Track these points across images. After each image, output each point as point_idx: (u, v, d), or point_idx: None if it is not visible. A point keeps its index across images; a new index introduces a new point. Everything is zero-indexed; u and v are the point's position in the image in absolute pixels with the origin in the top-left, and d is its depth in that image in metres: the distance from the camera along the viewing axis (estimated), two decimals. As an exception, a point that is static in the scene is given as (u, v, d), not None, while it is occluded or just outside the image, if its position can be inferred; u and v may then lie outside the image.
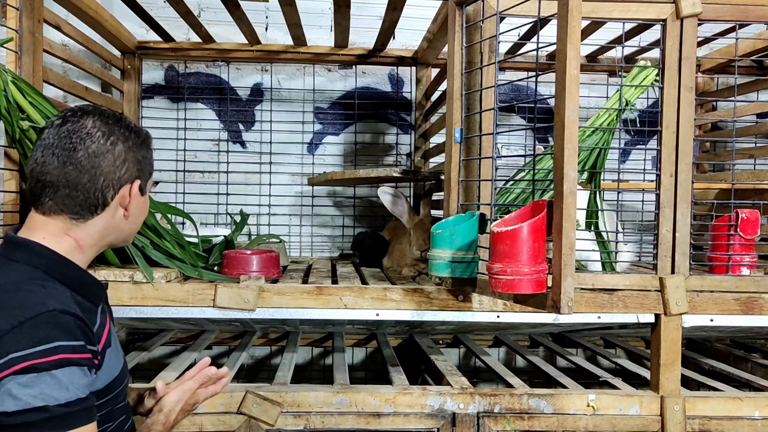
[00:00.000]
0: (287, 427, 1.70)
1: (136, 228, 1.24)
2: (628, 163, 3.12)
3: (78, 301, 1.09)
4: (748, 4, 1.72)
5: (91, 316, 1.12)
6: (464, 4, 1.66)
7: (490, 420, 1.73)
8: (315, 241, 3.03)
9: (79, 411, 1.00)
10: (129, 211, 1.18)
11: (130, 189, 1.16)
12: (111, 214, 1.16)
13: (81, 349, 1.02)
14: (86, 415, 1.02)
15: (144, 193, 1.21)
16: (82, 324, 1.04)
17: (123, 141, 1.15)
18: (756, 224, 1.78)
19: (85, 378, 1.02)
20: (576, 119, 1.26)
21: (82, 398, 1.01)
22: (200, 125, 2.98)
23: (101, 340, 1.12)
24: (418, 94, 2.95)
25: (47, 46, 1.92)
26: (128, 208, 1.17)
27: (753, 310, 1.76)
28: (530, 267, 1.28)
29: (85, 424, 1.01)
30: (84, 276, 1.14)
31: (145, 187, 1.21)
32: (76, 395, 1.00)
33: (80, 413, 1.00)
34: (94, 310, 1.15)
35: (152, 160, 1.24)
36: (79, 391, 1.01)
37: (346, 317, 1.80)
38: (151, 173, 1.24)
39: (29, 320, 0.98)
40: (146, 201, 1.24)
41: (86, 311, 1.10)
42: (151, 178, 1.25)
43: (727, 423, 1.75)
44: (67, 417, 0.99)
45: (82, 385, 1.01)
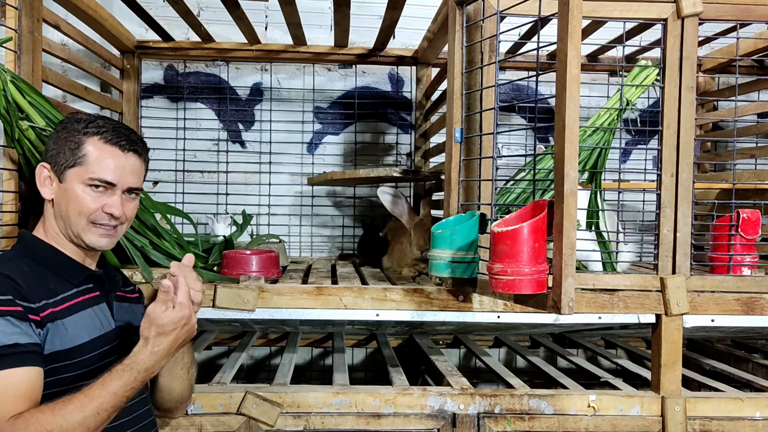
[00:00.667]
0: (287, 427, 1.70)
1: (70, 218, 1.29)
2: (629, 163, 3.12)
3: (40, 273, 1.24)
4: (749, 4, 1.71)
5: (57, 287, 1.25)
6: (464, 4, 1.65)
7: (491, 421, 1.73)
8: (315, 241, 3.02)
9: (2, 355, 1.09)
10: (43, 194, 1.31)
11: (37, 172, 1.31)
12: (42, 194, 1.31)
13: (6, 302, 1.13)
14: (13, 360, 1.10)
15: (62, 180, 1.29)
16: (14, 283, 1.16)
17: (54, 132, 1.33)
18: (757, 224, 1.78)
19: (11, 327, 1.12)
20: (577, 119, 1.26)
21: (7, 344, 1.10)
22: (200, 125, 2.97)
23: (57, 306, 1.22)
24: (418, 93, 2.95)
25: (46, 45, 1.92)
26: (42, 191, 1.30)
27: (754, 311, 1.76)
28: (531, 267, 1.28)
29: (11, 368, 1.10)
30: (59, 255, 1.30)
31: (61, 174, 1.29)
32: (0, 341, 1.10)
33: (3, 357, 1.09)
34: (65, 285, 1.27)
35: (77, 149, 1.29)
36: (3, 338, 1.10)
37: (345, 317, 1.79)
38: (71, 163, 1.28)
39: None
40: (66, 190, 1.28)
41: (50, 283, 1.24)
42: (78, 167, 1.28)
43: (728, 424, 1.74)
44: None
45: (7, 332, 1.11)
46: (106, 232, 1.30)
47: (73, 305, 1.26)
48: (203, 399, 1.68)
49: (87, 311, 1.28)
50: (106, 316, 1.33)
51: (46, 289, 1.22)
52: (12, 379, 1.09)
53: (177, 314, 1.21)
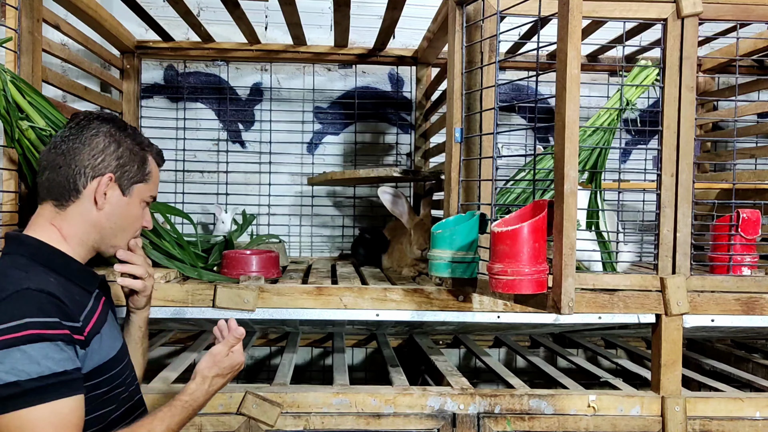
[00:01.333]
0: (287, 427, 1.70)
1: (119, 233, 1.25)
2: (629, 163, 3.12)
3: (63, 284, 1.14)
4: (749, 4, 1.71)
5: (82, 299, 1.17)
6: (464, 4, 1.65)
7: (491, 421, 1.73)
8: (315, 241, 3.02)
9: (54, 384, 1.02)
10: (100, 205, 1.21)
11: (100, 181, 1.21)
12: (86, 206, 1.21)
13: (55, 325, 1.05)
14: (64, 389, 1.04)
15: (126, 194, 1.24)
16: (58, 302, 1.07)
17: (107, 136, 1.22)
18: (757, 224, 1.78)
19: (61, 353, 1.04)
20: (577, 119, 1.26)
21: (58, 372, 1.03)
22: (200, 125, 2.97)
23: (90, 322, 1.16)
24: (418, 93, 2.95)
25: (46, 45, 1.92)
26: (98, 200, 1.21)
27: (754, 311, 1.76)
28: (531, 267, 1.28)
29: (63, 398, 1.03)
30: (71, 262, 1.20)
31: (127, 187, 1.24)
32: (50, 369, 1.02)
33: (56, 387, 1.02)
34: (86, 295, 1.20)
35: (143, 166, 1.27)
36: (54, 365, 1.03)
37: (345, 317, 1.79)
38: (139, 179, 1.26)
39: (3, 300, 1.03)
40: (129, 205, 1.25)
41: (74, 294, 1.15)
42: (144, 184, 1.27)
43: (728, 423, 1.74)
44: (41, 391, 1.01)
45: (57, 359, 1.03)
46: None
47: (99, 317, 1.21)
48: (203, 399, 1.68)
49: (108, 321, 1.24)
50: (116, 322, 1.31)
51: (77, 302, 1.15)
52: (65, 410, 1.03)
53: (238, 359, 1.31)
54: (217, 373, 1.28)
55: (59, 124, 1.65)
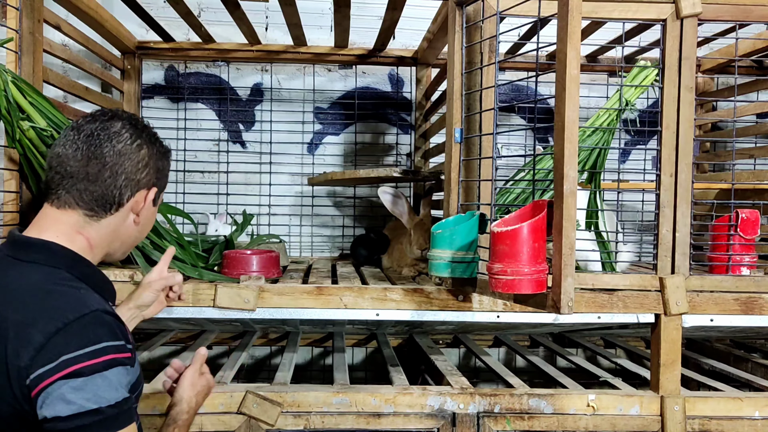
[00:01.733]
0: (287, 427, 1.70)
1: (140, 238, 1.24)
2: (628, 163, 3.12)
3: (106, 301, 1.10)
4: (748, 4, 1.72)
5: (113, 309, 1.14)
6: (464, 4, 1.66)
7: (490, 420, 1.73)
8: (315, 241, 3.02)
9: (127, 410, 1.01)
10: (140, 217, 1.19)
11: (146, 195, 1.17)
12: (123, 217, 1.16)
13: (123, 348, 1.02)
14: (132, 414, 1.03)
15: (155, 203, 1.22)
16: (120, 323, 1.05)
17: (148, 147, 1.17)
18: (756, 224, 1.78)
19: (128, 377, 1.03)
20: (576, 119, 1.26)
21: (128, 397, 1.02)
22: (200, 125, 2.98)
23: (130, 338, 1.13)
24: (418, 94, 2.95)
25: (47, 46, 1.92)
26: (140, 214, 1.18)
27: (753, 310, 1.76)
28: (530, 267, 1.28)
29: (131, 423, 1.02)
30: (99, 275, 1.15)
31: (158, 197, 1.22)
32: (123, 395, 1.01)
33: (128, 412, 1.02)
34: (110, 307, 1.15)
35: (168, 173, 1.25)
36: (126, 391, 1.02)
37: (346, 317, 1.80)
38: (165, 186, 1.25)
39: (75, 321, 0.98)
40: (155, 213, 1.25)
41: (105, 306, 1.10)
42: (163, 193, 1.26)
43: (727, 423, 1.75)
44: (118, 417, 0.99)
45: (126, 383, 1.02)
46: None
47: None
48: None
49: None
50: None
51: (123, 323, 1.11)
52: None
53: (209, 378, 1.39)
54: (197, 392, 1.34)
55: (60, 125, 1.66)
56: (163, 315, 1.75)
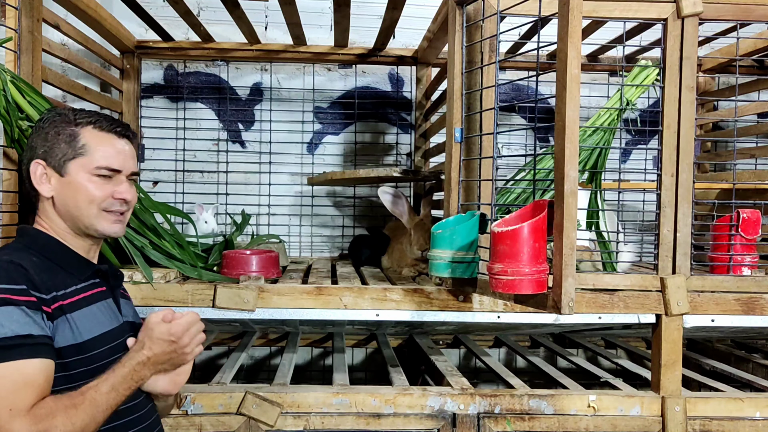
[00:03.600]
0: (287, 427, 1.70)
1: (76, 210, 1.28)
2: (629, 163, 3.11)
3: (47, 267, 1.22)
4: (749, 4, 1.71)
5: (66, 281, 1.23)
6: (464, 4, 1.65)
7: (491, 421, 1.73)
8: (315, 241, 3.02)
9: (18, 346, 1.08)
10: (41, 191, 1.28)
11: (29, 167, 1.29)
12: (42, 192, 1.28)
13: (21, 292, 1.12)
14: (28, 350, 1.09)
15: (63, 174, 1.27)
16: (26, 272, 1.14)
17: (37, 128, 1.31)
18: (757, 224, 1.78)
19: (26, 317, 1.10)
20: (577, 119, 1.26)
21: (22, 335, 1.09)
22: (199, 125, 2.97)
23: (66, 300, 1.20)
24: (418, 93, 2.95)
25: (46, 45, 1.92)
26: (38, 188, 1.28)
27: (754, 311, 1.76)
28: (531, 267, 1.28)
29: (27, 358, 1.08)
30: (64, 251, 1.28)
31: (61, 167, 1.27)
32: (14, 331, 1.08)
33: (20, 348, 1.08)
34: (73, 279, 1.25)
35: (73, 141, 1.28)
36: (18, 328, 1.09)
37: (345, 317, 1.79)
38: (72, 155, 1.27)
39: None
40: (71, 183, 1.28)
41: (56, 275, 1.22)
42: (82, 158, 1.28)
43: (728, 424, 1.74)
44: (4, 349, 1.07)
45: (22, 322, 1.09)
46: (117, 219, 1.32)
47: (83, 299, 1.24)
48: (203, 399, 1.68)
49: (96, 305, 1.27)
50: (114, 311, 1.32)
51: (55, 281, 1.20)
52: (28, 370, 1.08)
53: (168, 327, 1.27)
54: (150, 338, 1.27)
55: (59, 124, 1.65)
56: (162, 315, 1.74)
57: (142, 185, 2.68)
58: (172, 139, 2.93)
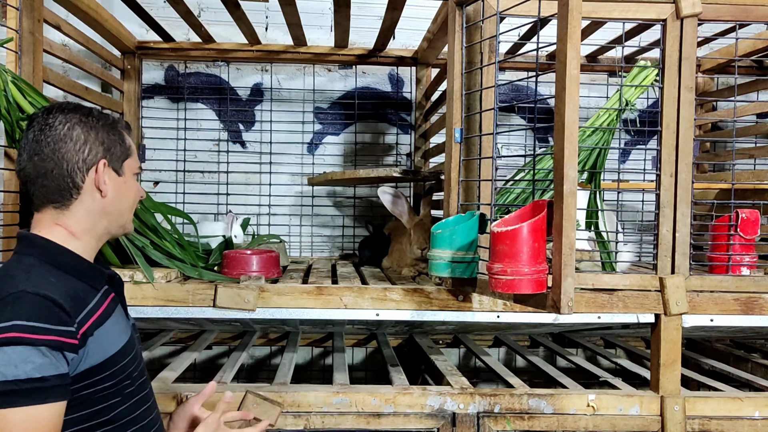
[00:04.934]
0: (287, 427, 1.70)
1: (124, 210, 1.26)
2: (628, 163, 3.12)
3: (67, 283, 1.14)
4: (748, 4, 1.72)
5: (86, 296, 1.17)
6: (464, 4, 1.66)
7: (490, 420, 1.73)
8: (315, 241, 3.02)
9: (30, 390, 1.01)
10: (104, 192, 1.21)
11: (96, 169, 1.20)
12: (90, 197, 1.20)
13: (42, 331, 1.04)
14: (40, 395, 1.03)
15: (120, 173, 1.24)
16: (53, 305, 1.07)
17: (81, 125, 1.20)
18: (756, 224, 1.78)
19: (43, 358, 1.03)
20: (576, 119, 1.26)
21: (35, 378, 1.02)
22: (200, 125, 2.98)
23: (89, 319, 1.15)
24: (418, 94, 2.95)
25: (47, 46, 1.92)
26: (102, 189, 1.21)
27: (753, 310, 1.76)
28: (530, 267, 1.28)
29: (38, 404, 1.02)
30: (78, 261, 1.19)
31: (119, 167, 1.24)
32: (27, 374, 1.01)
33: (31, 392, 1.01)
34: (91, 292, 1.19)
35: (124, 142, 1.26)
36: (33, 371, 1.02)
37: (346, 317, 1.80)
38: (125, 155, 1.25)
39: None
40: (127, 182, 1.26)
41: (78, 291, 1.15)
42: (130, 159, 1.26)
43: (727, 423, 1.75)
44: (15, 394, 1.00)
45: (37, 364, 1.02)
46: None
47: (102, 314, 1.20)
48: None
49: (112, 317, 1.23)
50: (124, 317, 1.30)
51: (77, 300, 1.14)
52: (39, 417, 1.02)
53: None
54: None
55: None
56: (162, 315, 1.75)
57: (142, 185, 2.68)
58: (173, 139, 2.93)
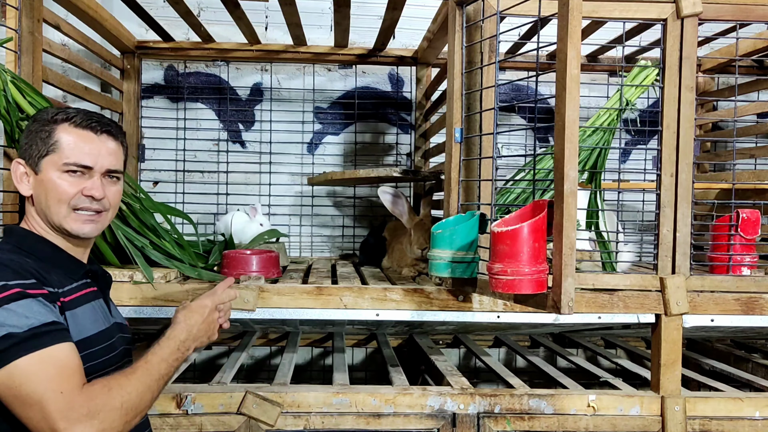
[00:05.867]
0: (287, 427, 1.70)
1: (50, 206, 1.25)
2: (629, 163, 3.12)
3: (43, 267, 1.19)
4: (748, 4, 1.72)
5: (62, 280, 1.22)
6: (464, 4, 1.65)
7: (491, 420, 1.73)
8: (315, 241, 3.02)
9: (48, 332, 1.07)
10: (22, 190, 1.27)
11: (12, 169, 1.28)
12: (21, 191, 1.27)
13: (33, 285, 1.12)
14: (59, 335, 1.09)
15: (37, 171, 1.25)
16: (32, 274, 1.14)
17: (27, 126, 1.29)
18: (756, 224, 1.78)
19: (45, 307, 1.10)
20: (576, 119, 1.26)
21: (48, 322, 1.08)
22: (200, 125, 2.97)
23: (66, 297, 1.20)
24: (418, 93, 2.95)
25: (47, 45, 1.92)
26: (18, 187, 1.27)
27: (753, 311, 1.76)
28: (531, 267, 1.28)
29: (59, 342, 1.08)
30: (57, 252, 1.26)
31: (35, 165, 1.25)
32: (39, 321, 1.07)
33: (50, 333, 1.08)
34: (66, 279, 1.24)
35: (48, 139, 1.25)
36: (42, 317, 1.08)
37: (346, 317, 1.79)
38: (45, 152, 1.25)
39: None
40: (44, 180, 1.25)
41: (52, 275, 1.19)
42: (53, 155, 1.25)
43: (727, 423, 1.74)
44: (37, 338, 1.06)
45: (44, 312, 1.09)
46: (90, 218, 1.26)
47: (77, 298, 1.23)
48: (203, 399, 1.69)
49: (89, 305, 1.26)
50: (104, 311, 1.32)
51: (52, 280, 1.19)
52: (63, 354, 1.08)
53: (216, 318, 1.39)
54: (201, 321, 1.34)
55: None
56: (162, 315, 1.75)
57: (142, 185, 2.68)
58: (173, 139, 2.93)
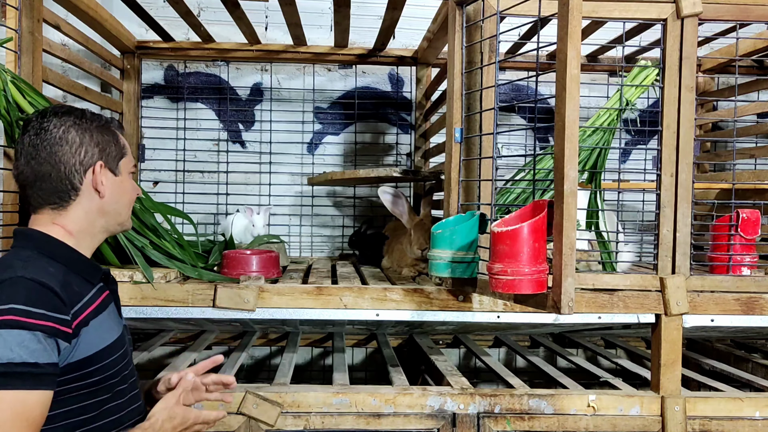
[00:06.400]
0: (287, 427, 1.70)
1: (122, 209, 1.28)
2: (629, 163, 3.12)
3: (64, 274, 1.16)
4: (748, 4, 1.72)
5: (81, 289, 1.19)
6: (464, 4, 1.65)
7: (491, 420, 1.73)
8: (315, 241, 3.02)
9: (21, 374, 1.03)
10: (102, 192, 1.24)
11: (93, 170, 1.23)
12: (87, 198, 1.23)
13: (39, 316, 1.06)
14: (32, 380, 1.04)
15: (117, 173, 1.27)
16: (49, 292, 1.09)
17: (76, 128, 1.23)
18: (756, 224, 1.78)
19: (37, 344, 1.05)
20: (576, 119, 1.26)
21: (29, 362, 1.03)
22: (200, 125, 2.97)
23: (83, 312, 1.16)
24: (418, 93, 2.95)
25: (47, 45, 1.92)
26: (100, 189, 1.23)
27: (754, 311, 1.76)
28: (531, 267, 1.28)
29: (29, 389, 1.04)
30: (75, 255, 1.22)
31: (115, 167, 1.26)
32: (21, 358, 1.03)
33: (24, 376, 1.03)
34: (87, 286, 1.22)
35: (118, 142, 1.28)
36: (27, 355, 1.03)
37: (346, 317, 1.79)
38: (120, 155, 1.28)
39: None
40: (124, 182, 1.29)
41: (73, 284, 1.17)
42: (125, 158, 1.29)
43: (727, 423, 1.74)
44: (5, 376, 1.02)
45: (31, 349, 1.04)
46: None
47: (95, 308, 1.21)
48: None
49: (104, 312, 1.24)
50: (116, 315, 1.31)
51: (73, 291, 1.16)
52: (29, 401, 1.04)
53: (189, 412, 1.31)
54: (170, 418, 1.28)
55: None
56: (162, 315, 1.75)
57: (142, 185, 2.68)
58: (173, 139, 2.93)
